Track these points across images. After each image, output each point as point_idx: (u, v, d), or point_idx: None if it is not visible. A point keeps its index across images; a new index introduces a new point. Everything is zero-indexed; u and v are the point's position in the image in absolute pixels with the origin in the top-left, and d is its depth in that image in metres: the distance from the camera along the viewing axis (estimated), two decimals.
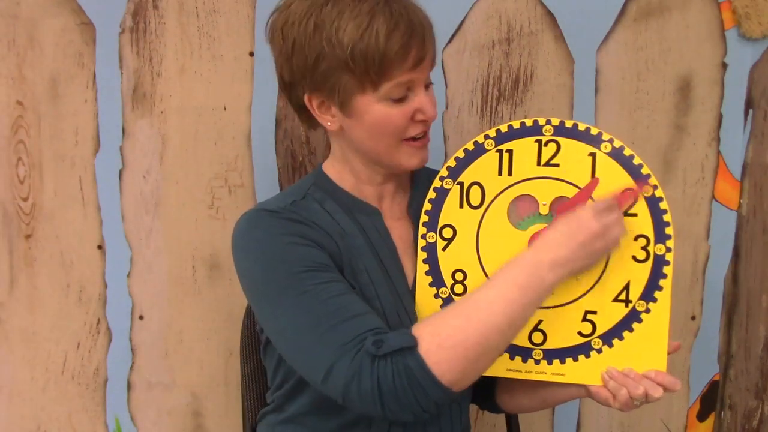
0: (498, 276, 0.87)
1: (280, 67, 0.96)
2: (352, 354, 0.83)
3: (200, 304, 1.38)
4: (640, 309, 0.95)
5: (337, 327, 0.85)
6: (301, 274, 0.88)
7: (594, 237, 0.88)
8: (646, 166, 0.94)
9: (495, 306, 0.84)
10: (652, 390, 0.91)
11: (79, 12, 1.29)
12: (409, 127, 0.94)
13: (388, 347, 0.82)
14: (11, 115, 1.31)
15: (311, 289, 0.87)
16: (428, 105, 0.93)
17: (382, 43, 0.86)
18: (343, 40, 0.87)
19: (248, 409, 1.19)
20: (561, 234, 0.88)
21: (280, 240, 0.91)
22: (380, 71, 0.88)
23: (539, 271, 0.86)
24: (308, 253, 0.90)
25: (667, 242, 0.95)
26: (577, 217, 0.88)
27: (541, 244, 0.88)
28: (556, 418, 1.47)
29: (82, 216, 1.35)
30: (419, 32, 0.89)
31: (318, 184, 1.01)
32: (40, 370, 1.39)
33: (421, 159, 0.97)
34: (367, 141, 0.94)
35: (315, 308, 0.86)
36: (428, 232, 0.98)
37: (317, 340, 0.85)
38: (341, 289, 0.88)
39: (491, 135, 0.97)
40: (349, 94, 0.91)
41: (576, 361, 0.96)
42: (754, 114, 1.37)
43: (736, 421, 1.47)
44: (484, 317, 0.83)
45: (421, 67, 0.91)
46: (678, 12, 1.33)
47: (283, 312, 0.88)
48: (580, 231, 0.87)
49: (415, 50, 0.89)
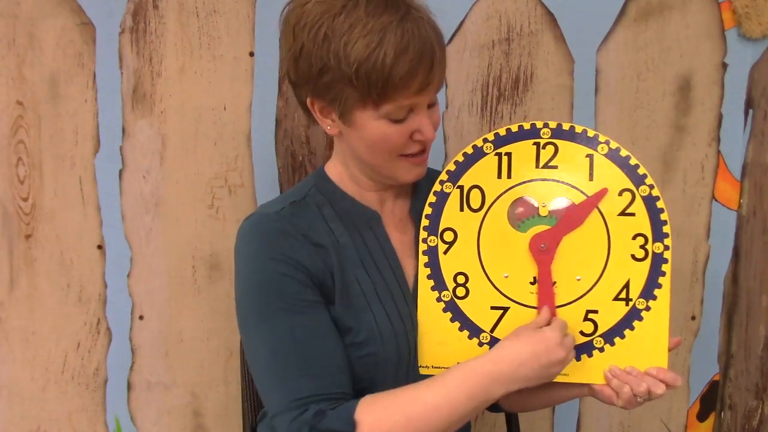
0: (450, 378, 0.88)
1: (287, 63, 0.95)
2: (294, 414, 0.85)
3: (200, 304, 1.38)
4: (640, 307, 0.96)
5: (293, 380, 0.87)
6: (277, 311, 0.90)
7: (557, 363, 0.90)
8: (643, 166, 0.95)
9: (440, 411, 0.86)
10: (655, 387, 0.91)
11: (79, 12, 1.29)
12: (407, 145, 0.93)
13: (326, 425, 0.84)
14: (11, 115, 1.31)
15: (281, 329, 0.89)
16: (427, 127, 0.91)
17: (388, 66, 0.85)
18: (350, 56, 0.85)
19: (248, 409, 1.19)
20: (524, 353, 0.88)
21: (267, 264, 0.92)
22: (383, 93, 0.87)
23: (492, 384, 0.88)
24: (289, 288, 0.91)
25: (665, 240, 0.95)
26: (544, 339, 0.90)
27: (501, 357, 0.89)
28: (556, 418, 1.47)
29: (82, 216, 1.35)
30: (428, 56, 0.87)
31: (319, 186, 1.01)
32: (40, 370, 1.39)
33: (418, 174, 0.96)
34: (364, 153, 0.94)
35: (280, 350, 0.89)
36: (429, 236, 0.99)
37: (272, 384, 0.89)
38: (311, 334, 0.90)
39: (490, 138, 0.98)
40: (350, 107, 0.90)
41: (579, 361, 0.97)
42: (754, 114, 1.37)
43: (736, 421, 1.47)
44: (425, 421, 0.85)
45: (425, 92, 0.89)
46: (678, 12, 1.33)
47: (254, 340, 0.92)
48: (546, 355, 0.89)
49: (421, 76, 0.87)
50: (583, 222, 0.96)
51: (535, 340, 0.90)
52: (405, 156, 0.94)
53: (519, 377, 0.88)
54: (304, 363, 0.88)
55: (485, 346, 0.98)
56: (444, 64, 0.92)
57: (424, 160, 0.96)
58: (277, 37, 1.30)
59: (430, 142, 0.94)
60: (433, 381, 0.89)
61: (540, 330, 0.91)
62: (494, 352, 0.90)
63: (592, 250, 0.96)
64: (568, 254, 0.96)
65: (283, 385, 0.87)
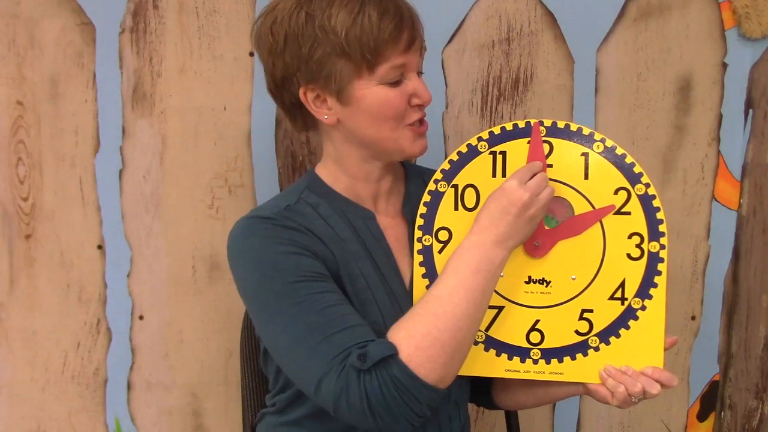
0: (450, 266, 0.90)
1: (270, 66, 0.96)
2: (338, 369, 0.84)
3: (200, 304, 1.38)
4: (635, 306, 0.96)
5: (327, 340, 0.85)
6: (295, 284, 0.89)
7: (526, 206, 0.91)
8: (639, 165, 0.95)
9: (456, 296, 0.87)
10: (650, 387, 0.92)
11: (79, 12, 1.29)
12: (408, 112, 0.95)
13: (371, 360, 0.83)
14: (11, 115, 1.31)
15: (305, 299, 0.88)
16: (423, 88, 0.95)
17: (375, 26, 0.89)
18: (336, 26, 0.89)
19: (248, 409, 1.19)
20: (495, 212, 0.91)
21: (274, 249, 0.91)
22: (376, 53, 0.90)
23: (487, 252, 0.90)
24: (302, 262, 0.91)
25: (661, 239, 0.95)
26: (505, 192, 0.91)
27: (479, 227, 0.92)
28: (556, 418, 1.47)
29: (82, 216, 1.35)
30: (408, 16, 0.93)
31: (311, 187, 1.00)
32: (40, 370, 1.39)
33: (422, 146, 0.98)
34: (369, 128, 0.95)
35: (308, 319, 0.87)
36: (424, 235, 0.99)
37: (308, 353, 0.86)
38: (334, 300, 0.89)
39: (484, 137, 0.98)
40: (346, 81, 0.92)
41: (574, 360, 0.97)
42: (754, 114, 1.37)
43: (736, 421, 1.47)
44: (450, 309, 0.86)
45: (412, 49, 0.93)
46: (678, 12, 1.33)
47: (278, 322, 0.89)
48: (512, 204, 0.90)
49: (407, 32, 0.92)
50: (582, 233, 0.96)
51: (498, 195, 0.92)
52: (410, 126, 0.96)
53: (503, 233, 0.90)
54: (336, 322, 0.87)
55: (480, 345, 0.98)
56: (422, 28, 0.97)
57: (425, 132, 0.99)
58: None
59: (426, 103, 0.96)
60: (438, 278, 0.90)
61: (500, 186, 0.93)
62: (474, 225, 0.92)
63: (587, 249, 0.96)
64: (563, 254, 0.96)
65: (319, 350, 0.85)
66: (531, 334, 0.97)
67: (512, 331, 0.98)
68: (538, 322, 0.97)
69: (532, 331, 0.97)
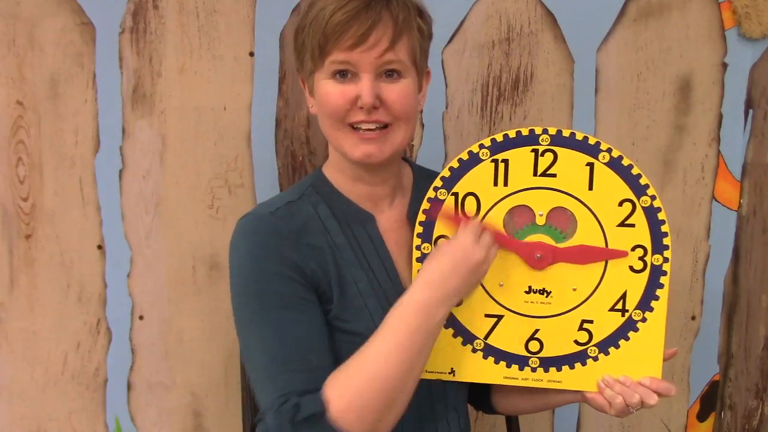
0: (390, 323, 0.88)
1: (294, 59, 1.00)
2: (277, 410, 0.86)
3: (200, 304, 1.38)
4: (636, 318, 0.95)
5: (279, 377, 0.88)
6: (271, 309, 0.91)
7: (479, 265, 0.90)
8: (645, 176, 0.93)
9: (392, 357, 0.86)
10: (647, 397, 0.92)
11: (79, 12, 1.29)
12: (350, 112, 0.92)
13: (301, 415, 0.84)
14: (11, 115, 1.31)
15: (276, 325, 0.90)
16: (366, 92, 0.89)
17: (326, 17, 0.88)
18: (309, 16, 0.91)
19: (248, 409, 1.19)
20: (446, 267, 0.89)
21: (259, 265, 0.92)
22: (322, 45, 0.90)
23: (430, 310, 0.88)
24: (284, 287, 0.91)
25: (664, 253, 0.93)
26: (461, 246, 0.90)
27: (428, 281, 0.89)
28: (556, 419, 1.47)
29: (82, 216, 1.35)
30: (371, 14, 0.87)
31: (316, 185, 1.01)
32: (40, 370, 1.39)
33: (365, 152, 0.92)
34: (321, 123, 0.96)
35: (271, 347, 0.89)
36: (423, 243, 0.97)
37: (264, 379, 0.89)
38: (301, 332, 0.90)
39: (486, 144, 0.94)
40: (310, 72, 0.94)
41: (572, 369, 0.97)
42: (754, 114, 1.37)
43: (736, 421, 1.47)
44: (384, 371, 0.85)
45: (360, 49, 0.88)
46: (678, 12, 1.33)
47: (248, 336, 0.93)
48: (467, 260, 0.89)
49: (354, 29, 0.87)
50: (586, 263, 0.95)
51: (451, 249, 0.90)
52: (353, 129, 0.93)
53: (450, 291, 0.89)
54: (289, 359, 0.88)
55: (479, 353, 0.98)
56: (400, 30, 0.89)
57: (375, 139, 0.92)
58: (277, 37, 1.31)
59: (365, 106, 0.90)
60: (379, 330, 0.88)
61: (454, 238, 0.92)
62: (420, 276, 0.90)
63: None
64: (564, 265, 0.95)
65: (271, 382, 0.88)
66: (530, 343, 0.97)
67: (511, 340, 0.97)
68: (537, 331, 0.97)
69: (531, 340, 0.97)
